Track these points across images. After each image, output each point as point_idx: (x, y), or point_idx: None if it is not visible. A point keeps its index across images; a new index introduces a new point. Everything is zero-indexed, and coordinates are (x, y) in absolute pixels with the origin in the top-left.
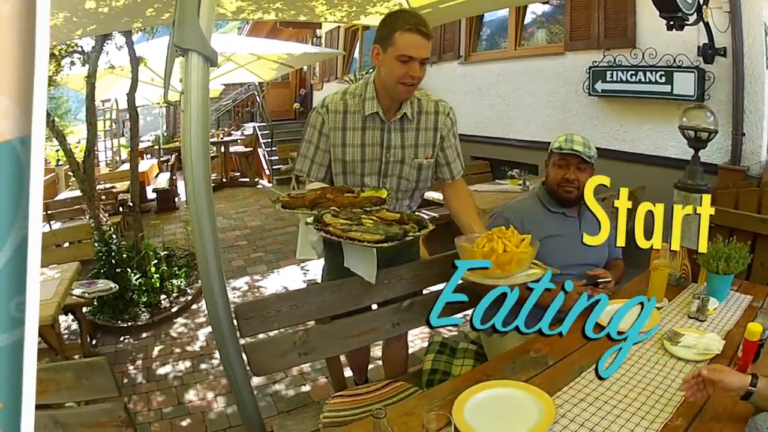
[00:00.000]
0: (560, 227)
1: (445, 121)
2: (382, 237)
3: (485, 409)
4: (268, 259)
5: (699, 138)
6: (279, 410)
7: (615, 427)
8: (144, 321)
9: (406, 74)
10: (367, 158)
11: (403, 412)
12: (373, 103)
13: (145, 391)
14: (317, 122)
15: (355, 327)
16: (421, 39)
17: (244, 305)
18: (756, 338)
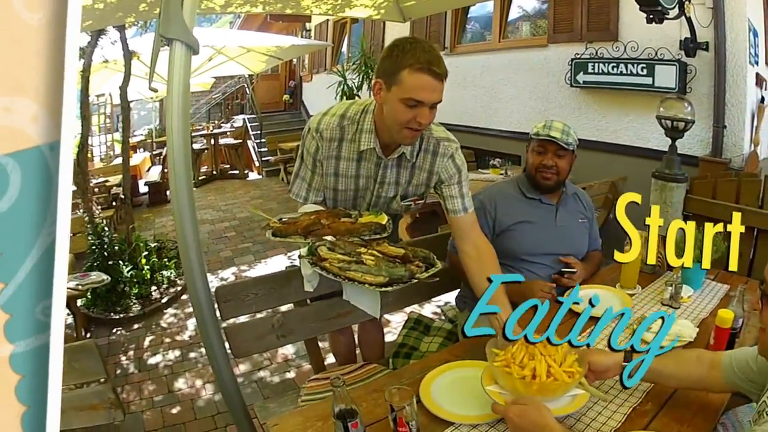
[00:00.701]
0: (534, 214)
1: (446, 166)
2: (385, 279)
3: (452, 387)
4: (255, 250)
5: (676, 128)
6: (264, 396)
7: (583, 410)
8: (135, 312)
9: (413, 119)
10: (360, 187)
11: (372, 389)
12: (370, 137)
13: (137, 381)
14: (311, 147)
15: (332, 309)
16: (433, 81)
17: (223, 288)
18: (727, 325)
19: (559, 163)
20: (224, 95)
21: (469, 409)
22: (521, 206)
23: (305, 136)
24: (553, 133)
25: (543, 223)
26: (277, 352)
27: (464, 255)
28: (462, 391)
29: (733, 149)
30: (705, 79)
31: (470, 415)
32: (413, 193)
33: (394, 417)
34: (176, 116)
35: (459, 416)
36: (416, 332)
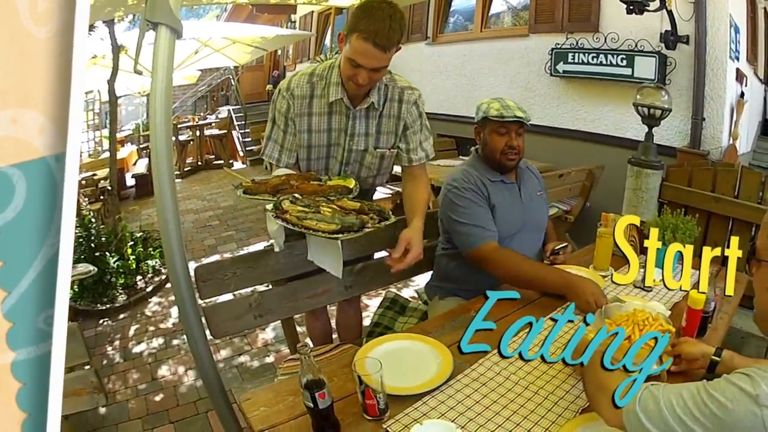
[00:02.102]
0: (502, 195)
1: (410, 110)
2: (337, 227)
3: (388, 358)
4: (238, 237)
5: (653, 115)
6: (244, 380)
7: (550, 387)
8: (121, 302)
9: (355, 76)
10: (333, 143)
11: (343, 364)
12: (337, 89)
13: (122, 370)
14: (282, 106)
15: (308, 289)
16: (373, 50)
17: (201, 267)
18: (699, 306)
19: (519, 143)
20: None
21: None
22: (492, 189)
23: (275, 98)
24: (518, 113)
25: (512, 204)
26: (257, 337)
27: (408, 181)
28: (399, 362)
29: (711, 142)
30: (684, 72)
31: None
32: (384, 144)
33: (362, 390)
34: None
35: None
36: (392, 312)
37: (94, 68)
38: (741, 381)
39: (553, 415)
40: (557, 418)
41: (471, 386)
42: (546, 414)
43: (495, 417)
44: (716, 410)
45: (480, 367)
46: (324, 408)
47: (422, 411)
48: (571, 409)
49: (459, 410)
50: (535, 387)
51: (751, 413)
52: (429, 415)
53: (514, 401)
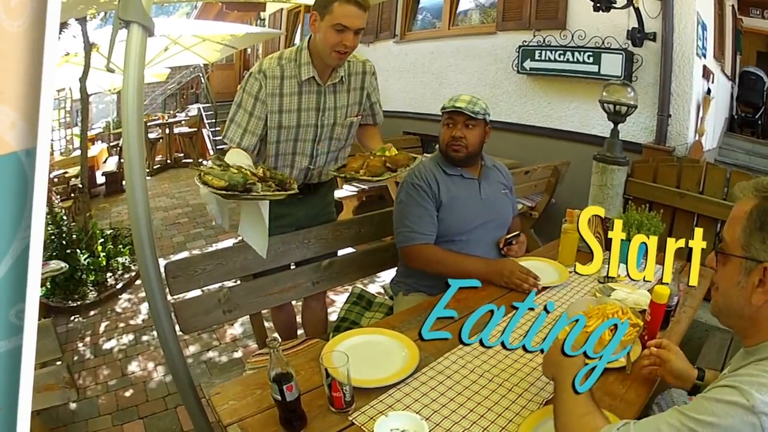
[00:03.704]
0: (459, 189)
1: (371, 80)
2: (225, 184)
3: (355, 351)
4: (207, 234)
5: (618, 112)
6: (213, 375)
7: (514, 379)
8: (92, 299)
9: (340, 43)
10: (303, 123)
11: (310, 358)
12: (309, 68)
13: (93, 366)
14: (254, 88)
15: (276, 284)
16: (357, 10)
17: (171, 264)
18: (663, 301)
19: (468, 135)
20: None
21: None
22: (446, 184)
23: (246, 80)
24: (459, 103)
25: (469, 198)
26: (225, 333)
27: (365, 137)
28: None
29: (677, 138)
30: (651, 69)
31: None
32: (351, 113)
33: (329, 382)
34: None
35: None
36: (358, 307)
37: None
38: (728, 395)
39: (518, 406)
40: (521, 409)
41: (436, 378)
42: (510, 405)
43: (459, 408)
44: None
45: (445, 360)
46: (291, 401)
47: (388, 403)
48: (535, 401)
49: (424, 402)
50: (500, 379)
51: (749, 424)
52: (394, 407)
53: (479, 393)
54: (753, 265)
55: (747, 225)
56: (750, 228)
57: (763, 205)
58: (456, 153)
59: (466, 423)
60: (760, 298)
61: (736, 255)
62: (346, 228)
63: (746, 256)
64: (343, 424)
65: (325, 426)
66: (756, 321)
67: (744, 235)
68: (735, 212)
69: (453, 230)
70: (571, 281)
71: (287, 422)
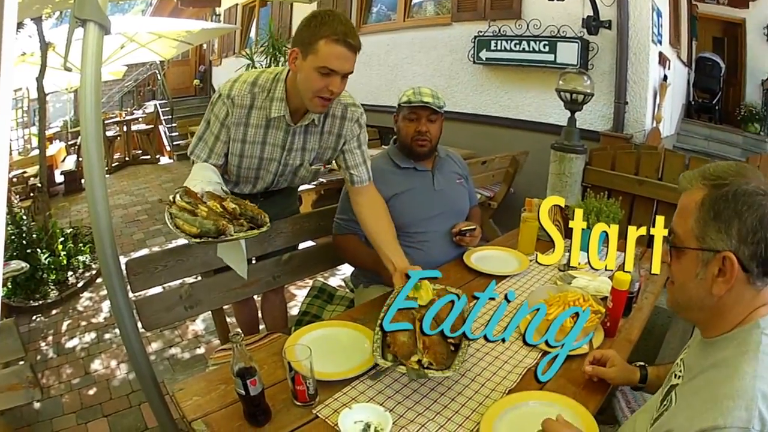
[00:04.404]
0: (411, 183)
1: (352, 128)
2: (197, 231)
3: (317, 345)
4: (166, 231)
5: (575, 101)
6: (176, 371)
7: (477, 369)
8: (53, 298)
9: (325, 88)
10: (266, 157)
11: (273, 352)
12: (281, 105)
13: (56, 365)
14: (221, 113)
15: (237, 279)
16: (347, 52)
17: (132, 261)
18: (624, 287)
19: (431, 129)
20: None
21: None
22: (396, 178)
23: (215, 101)
24: (426, 98)
25: (421, 190)
26: (187, 329)
27: (359, 207)
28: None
29: (634, 125)
30: (607, 57)
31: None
32: (320, 158)
33: (293, 376)
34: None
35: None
36: (320, 300)
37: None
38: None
39: (481, 396)
40: (484, 399)
41: (399, 370)
42: (473, 396)
43: (423, 400)
44: None
45: None
46: (255, 395)
47: (351, 395)
48: (498, 390)
49: (387, 393)
50: (463, 369)
51: None
52: (358, 399)
53: (443, 383)
54: (711, 255)
55: (700, 216)
56: (703, 218)
57: (715, 194)
58: (421, 148)
59: (430, 414)
60: (722, 288)
61: (692, 247)
62: (306, 221)
63: (703, 247)
64: (307, 418)
65: (289, 419)
66: (719, 311)
67: (698, 226)
68: (684, 203)
69: (408, 222)
70: (531, 270)
71: (251, 416)
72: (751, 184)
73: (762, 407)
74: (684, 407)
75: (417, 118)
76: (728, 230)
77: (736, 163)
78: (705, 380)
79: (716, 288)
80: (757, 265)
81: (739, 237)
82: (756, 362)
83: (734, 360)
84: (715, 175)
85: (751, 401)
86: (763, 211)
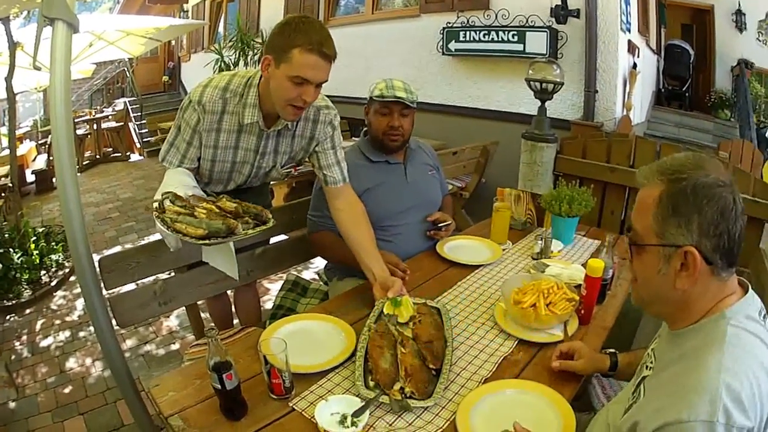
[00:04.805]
0: (384, 176)
1: (324, 130)
2: (204, 232)
3: (293, 338)
4: (138, 228)
5: (545, 90)
6: (151, 368)
7: (452, 358)
8: (27, 298)
9: (299, 97)
10: (239, 160)
11: (248, 346)
12: (254, 111)
13: (31, 365)
14: (192, 119)
15: (211, 274)
16: (321, 61)
17: (105, 258)
18: (598, 274)
19: (404, 123)
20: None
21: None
22: (368, 172)
23: (185, 107)
24: (399, 93)
25: (394, 183)
26: (162, 326)
27: (337, 212)
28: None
29: (605, 113)
30: (576, 46)
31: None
32: (291, 160)
33: (268, 369)
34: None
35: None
36: (293, 294)
37: None
38: None
39: (456, 386)
40: (460, 388)
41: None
42: (449, 385)
43: None
44: None
45: None
46: (231, 389)
47: (327, 387)
48: (474, 379)
49: None
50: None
51: None
52: (334, 391)
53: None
54: (672, 251)
55: (658, 211)
56: (662, 214)
57: (672, 189)
58: (393, 142)
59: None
60: (686, 283)
61: (653, 244)
62: (278, 215)
63: (663, 243)
64: (284, 411)
65: (265, 413)
66: (684, 304)
67: (656, 222)
68: (642, 199)
69: (381, 216)
70: (504, 258)
71: (228, 411)
72: (710, 177)
73: (726, 400)
74: (651, 399)
75: (389, 113)
76: (688, 225)
77: (694, 155)
78: (672, 373)
79: (680, 282)
80: (720, 257)
81: (700, 231)
82: (721, 354)
83: (700, 352)
84: (672, 170)
85: (716, 394)
86: (724, 203)
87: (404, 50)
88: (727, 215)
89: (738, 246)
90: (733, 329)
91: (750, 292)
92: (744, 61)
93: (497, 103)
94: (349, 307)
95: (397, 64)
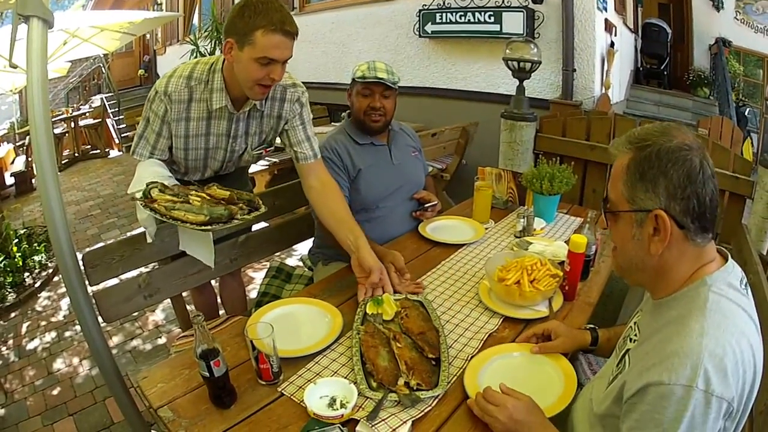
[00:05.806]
0: (371, 158)
1: (292, 108)
2: (206, 218)
3: (279, 322)
4: (120, 224)
5: (523, 69)
6: (138, 363)
7: (447, 346)
8: (11, 301)
9: (266, 76)
10: (212, 146)
11: (235, 334)
12: (221, 95)
13: (18, 368)
14: (159, 110)
15: (195, 265)
16: (284, 39)
17: (89, 253)
18: (581, 250)
19: (386, 104)
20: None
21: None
22: (359, 153)
23: (152, 98)
24: (380, 74)
25: (381, 165)
26: (147, 320)
27: (310, 189)
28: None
29: (583, 92)
30: (553, 25)
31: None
32: (262, 141)
33: (256, 355)
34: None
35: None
36: (278, 280)
37: None
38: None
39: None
40: (448, 366)
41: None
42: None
43: None
44: None
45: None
46: (219, 376)
47: (315, 371)
48: (461, 357)
49: (351, 366)
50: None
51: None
52: (322, 374)
53: None
54: (643, 215)
55: (627, 178)
56: (631, 180)
57: (639, 156)
58: (375, 123)
59: None
60: (659, 247)
61: (624, 210)
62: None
63: (634, 209)
64: (273, 396)
65: (255, 399)
66: (662, 270)
67: (626, 188)
68: (614, 170)
69: (371, 199)
70: (487, 237)
71: (217, 398)
72: (674, 141)
73: (708, 365)
74: (637, 364)
75: (371, 94)
76: (655, 189)
77: (662, 124)
78: (657, 340)
79: (653, 247)
80: (692, 221)
81: (667, 194)
82: (704, 319)
83: (683, 318)
84: (639, 138)
85: (698, 359)
86: (690, 165)
87: (380, 34)
88: (694, 177)
89: (711, 210)
90: (714, 296)
91: (730, 261)
92: (722, 40)
93: (476, 84)
94: (333, 289)
95: (374, 48)
